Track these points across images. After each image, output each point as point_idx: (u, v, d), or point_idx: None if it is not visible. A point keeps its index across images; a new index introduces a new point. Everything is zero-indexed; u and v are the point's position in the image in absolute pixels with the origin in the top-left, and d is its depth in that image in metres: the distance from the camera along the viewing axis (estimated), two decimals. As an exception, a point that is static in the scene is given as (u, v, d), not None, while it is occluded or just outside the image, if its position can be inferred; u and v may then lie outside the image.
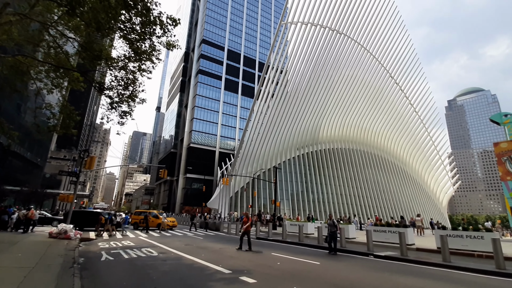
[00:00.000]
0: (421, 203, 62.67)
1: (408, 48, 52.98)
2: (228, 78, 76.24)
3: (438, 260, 10.51)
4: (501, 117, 26.25)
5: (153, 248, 12.29)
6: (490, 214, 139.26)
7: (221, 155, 69.54)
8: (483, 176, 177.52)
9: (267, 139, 46.13)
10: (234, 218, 35.76)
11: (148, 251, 11.65)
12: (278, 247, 14.87)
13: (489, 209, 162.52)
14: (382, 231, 17.77)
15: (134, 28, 11.03)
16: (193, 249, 12.55)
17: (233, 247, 13.79)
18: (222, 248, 13.39)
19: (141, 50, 11.81)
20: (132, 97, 13.43)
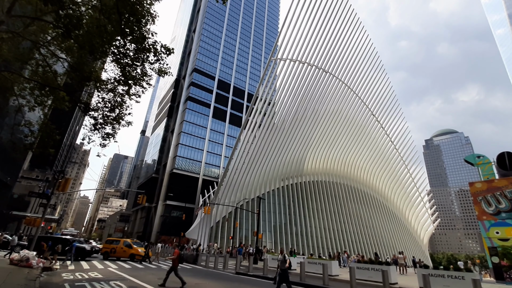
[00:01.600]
0: (403, 240, 62.74)
1: (387, 89, 56.79)
2: (217, 107, 77.52)
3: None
4: (475, 158, 27.87)
5: (123, 282, 11.34)
6: (469, 253, 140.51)
7: (205, 182, 68.10)
8: (461, 215, 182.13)
9: (252, 169, 45.98)
10: (214, 250, 34.10)
11: (117, 284, 10.75)
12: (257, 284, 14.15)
13: (468, 248, 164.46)
14: (365, 268, 17.42)
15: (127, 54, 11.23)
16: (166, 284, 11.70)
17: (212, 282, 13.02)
18: (199, 284, 12.59)
19: (132, 75, 11.92)
20: (118, 120, 13.23)
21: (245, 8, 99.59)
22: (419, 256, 61.79)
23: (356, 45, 50.32)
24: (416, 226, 68.74)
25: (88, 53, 9.85)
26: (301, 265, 15.73)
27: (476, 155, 28.19)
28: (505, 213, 23.82)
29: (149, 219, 68.38)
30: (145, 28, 10.63)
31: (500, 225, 23.59)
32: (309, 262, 20.19)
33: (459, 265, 25.28)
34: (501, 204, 24.18)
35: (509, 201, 23.87)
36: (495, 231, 23.70)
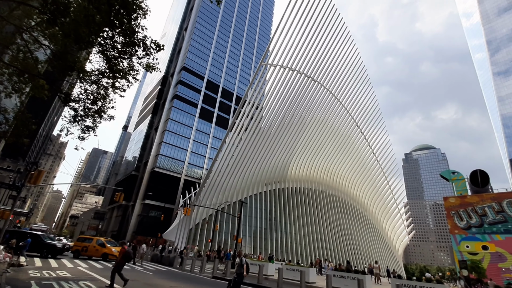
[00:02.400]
0: (379, 249, 64.31)
1: (372, 102, 58.63)
2: (204, 107, 76.79)
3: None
4: (450, 174, 29.28)
5: (93, 282, 10.84)
6: (441, 265, 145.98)
7: (187, 183, 66.93)
8: (435, 228, 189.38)
9: (236, 172, 45.73)
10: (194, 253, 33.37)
11: (87, 285, 10.27)
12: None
13: (440, 261, 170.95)
14: (341, 276, 17.69)
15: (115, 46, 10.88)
16: (138, 286, 11.30)
17: (187, 286, 12.70)
18: (174, 287, 12.24)
19: (118, 68, 11.55)
20: (100, 113, 12.75)
21: (239, 11, 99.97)
22: (394, 266, 63.54)
23: (345, 57, 51.69)
24: (392, 237, 70.76)
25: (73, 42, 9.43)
26: (279, 272, 15.72)
27: (451, 171, 29.65)
28: (475, 228, 25.05)
29: (126, 218, 66.18)
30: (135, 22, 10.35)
31: (471, 240, 24.75)
32: (287, 268, 20.22)
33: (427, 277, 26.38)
34: (472, 219, 25.41)
35: (480, 217, 25.12)
36: (465, 245, 24.83)
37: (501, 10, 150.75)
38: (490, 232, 24.02)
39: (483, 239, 23.91)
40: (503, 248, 22.76)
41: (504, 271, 22.07)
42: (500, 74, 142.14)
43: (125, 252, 10.94)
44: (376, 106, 59.53)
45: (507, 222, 23.69)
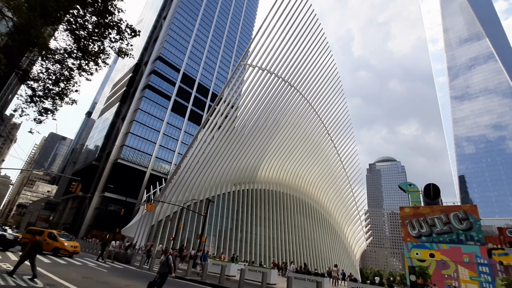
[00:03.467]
0: (338, 253, 67.16)
1: (344, 112, 61.11)
2: (178, 100, 74.46)
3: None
4: (407, 186, 31.53)
5: (39, 278, 9.90)
6: (393, 270, 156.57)
7: (152, 177, 64.29)
8: (390, 235, 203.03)
9: (205, 169, 44.91)
10: (159, 251, 32.00)
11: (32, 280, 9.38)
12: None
13: (392, 266, 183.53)
14: (302, 278, 18.13)
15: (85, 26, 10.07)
16: (91, 284, 10.55)
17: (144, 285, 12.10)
18: (130, 286, 11.60)
19: (87, 50, 10.71)
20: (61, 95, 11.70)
21: (222, 7, 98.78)
22: (351, 270, 66.77)
23: (322, 66, 53.34)
24: (351, 242, 74.36)
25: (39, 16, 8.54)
26: (241, 272, 15.69)
27: (408, 183, 31.96)
28: (425, 237, 27.17)
29: (81, 210, 61.76)
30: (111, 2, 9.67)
31: (420, 247, 26.78)
32: (250, 269, 20.28)
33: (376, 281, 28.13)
34: (423, 229, 27.54)
35: (430, 227, 27.31)
36: (415, 252, 26.81)
37: (462, 40, 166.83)
38: (437, 241, 26.20)
39: (431, 248, 26.00)
40: (447, 256, 24.94)
41: (447, 277, 24.19)
42: (457, 98, 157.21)
43: (34, 243, 10.19)
44: (347, 117, 62.21)
45: (452, 233, 26.02)
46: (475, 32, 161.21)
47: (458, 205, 27.72)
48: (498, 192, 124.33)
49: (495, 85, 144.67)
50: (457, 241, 25.43)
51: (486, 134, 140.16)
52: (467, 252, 24.30)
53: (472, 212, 26.03)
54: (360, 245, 75.21)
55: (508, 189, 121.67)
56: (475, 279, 23.18)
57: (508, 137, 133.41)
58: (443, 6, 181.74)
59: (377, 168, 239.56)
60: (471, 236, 25.17)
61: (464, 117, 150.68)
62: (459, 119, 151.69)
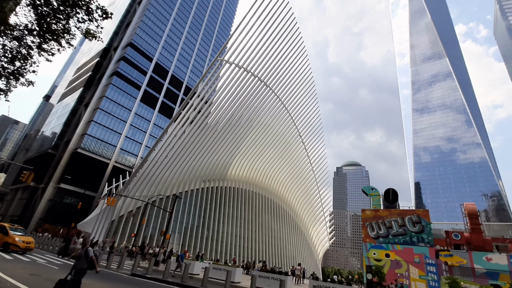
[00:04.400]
0: (303, 253, 68.99)
1: (316, 115, 62.74)
2: (148, 91, 71.18)
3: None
4: (369, 189, 33.32)
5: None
6: (352, 269, 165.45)
7: (116, 170, 60.80)
8: (351, 236, 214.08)
9: (174, 164, 43.45)
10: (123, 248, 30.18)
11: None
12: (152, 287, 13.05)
13: (352, 265, 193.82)
14: (266, 277, 18.22)
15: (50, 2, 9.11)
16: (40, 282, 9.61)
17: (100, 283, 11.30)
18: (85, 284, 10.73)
19: (51, 28, 9.70)
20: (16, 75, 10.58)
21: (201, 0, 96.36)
22: (313, 268, 68.99)
23: (298, 69, 54.26)
24: (315, 242, 76.84)
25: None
26: (205, 271, 15.40)
27: (371, 187, 33.76)
28: (382, 238, 28.88)
29: (33, 202, 56.53)
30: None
31: (377, 248, 28.40)
32: (214, 267, 19.98)
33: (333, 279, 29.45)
34: (381, 230, 29.26)
35: (387, 229, 29.08)
36: (373, 252, 28.38)
37: (425, 58, 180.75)
38: (393, 242, 27.97)
39: (387, 248, 27.68)
40: (401, 256, 26.73)
41: (399, 276, 25.91)
42: (418, 110, 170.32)
43: None
44: (319, 120, 64.03)
45: (406, 234, 27.94)
46: (437, 51, 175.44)
47: (413, 209, 29.82)
48: (447, 199, 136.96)
49: (451, 101, 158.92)
50: (410, 243, 27.37)
51: (441, 146, 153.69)
52: (418, 252, 26.25)
53: (424, 216, 28.17)
54: (323, 245, 78.02)
55: (456, 196, 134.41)
56: (424, 278, 25.11)
57: (458, 149, 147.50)
58: (411, 23, 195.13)
59: (344, 172, 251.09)
60: (422, 238, 27.23)
61: (423, 128, 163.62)
62: (419, 130, 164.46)
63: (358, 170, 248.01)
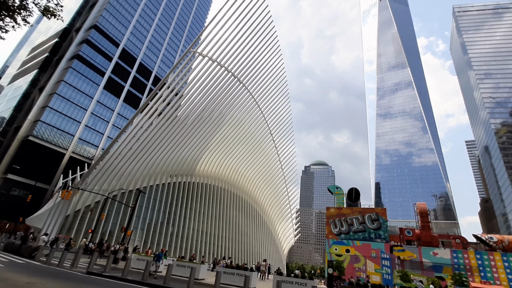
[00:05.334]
0: (269, 249, 70.09)
1: (288, 114, 63.72)
2: (113, 78, 66.78)
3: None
4: (334, 188, 34.82)
5: None
6: (315, 264, 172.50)
7: (73, 161, 56.37)
8: (315, 232, 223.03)
9: (139, 158, 41.36)
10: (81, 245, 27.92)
11: None
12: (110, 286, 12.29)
13: (315, 261, 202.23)
14: (231, 273, 18.15)
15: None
16: None
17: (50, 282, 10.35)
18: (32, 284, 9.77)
19: (5, 2, 8.63)
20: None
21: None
22: (279, 264, 70.49)
23: (272, 67, 54.50)
24: (281, 238, 78.53)
25: None
26: (168, 268, 14.89)
27: (336, 186, 35.31)
28: (344, 235, 30.34)
29: (-28, 194, 50.34)
30: None
31: (339, 244, 29.74)
32: (178, 264, 19.45)
33: (295, 273, 30.40)
34: (343, 227, 30.71)
35: (349, 226, 30.59)
36: (335, 247, 29.68)
37: (390, 66, 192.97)
38: (353, 238, 29.50)
39: (347, 244, 29.13)
40: (360, 251, 28.29)
41: (357, 270, 27.43)
42: (381, 115, 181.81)
43: None
44: (290, 119, 65.15)
45: (365, 231, 29.63)
46: (401, 61, 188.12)
47: (372, 208, 31.73)
48: (403, 198, 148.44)
49: (410, 109, 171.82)
50: (368, 239, 29.08)
51: (399, 149, 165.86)
52: (375, 248, 28.01)
53: (382, 214, 30.11)
54: (289, 241, 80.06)
55: (410, 196, 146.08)
56: (379, 271, 26.86)
57: (414, 153, 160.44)
58: (379, 33, 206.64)
59: (312, 171, 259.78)
60: (379, 235, 29.09)
61: (385, 132, 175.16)
62: (381, 134, 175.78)
63: (325, 169, 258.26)
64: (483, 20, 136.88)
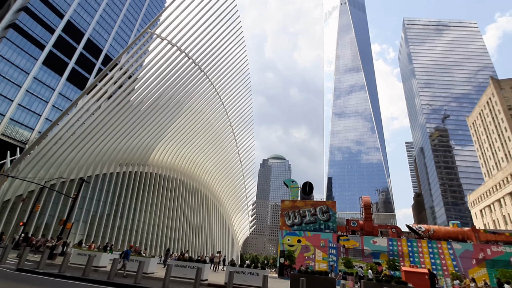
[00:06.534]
0: (223, 241, 70.13)
1: (249, 106, 63.53)
2: (55, 53, 58.98)
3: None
4: (290, 182, 36.05)
5: None
6: (268, 255, 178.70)
7: (2, 144, 48.90)
8: (270, 224, 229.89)
9: (84, 143, 37.55)
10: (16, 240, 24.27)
11: None
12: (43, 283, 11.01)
13: (269, 251, 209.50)
14: (183, 266, 17.65)
15: None
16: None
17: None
18: None
19: None
20: None
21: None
22: (233, 255, 71.06)
23: (235, 58, 53.57)
24: (237, 230, 79.17)
25: None
26: (113, 262, 13.86)
27: (291, 180, 36.57)
28: (296, 226, 31.66)
29: None
30: None
31: (291, 235, 30.96)
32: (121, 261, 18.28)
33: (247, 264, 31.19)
34: (296, 219, 32.01)
35: (301, 218, 31.97)
36: (287, 238, 30.83)
37: (347, 69, 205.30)
38: (305, 229, 30.97)
39: (299, 234, 30.47)
40: (310, 242, 29.83)
41: (307, 258, 28.92)
42: (337, 114, 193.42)
43: None
44: (251, 112, 65.16)
45: (316, 223, 31.31)
46: (356, 65, 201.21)
47: (324, 201, 33.60)
48: (351, 192, 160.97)
49: (362, 110, 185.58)
50: (318, 230, 30.81)
51: (350, 147, 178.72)
52: (324, 238, 29.80)
53: (332, 207, 32.10)
54: (244, 232, 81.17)
55: (357, 190, 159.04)
56: (326, 259, 28.69)
57: (363, 151, 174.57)
58: (339, 36, 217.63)
59: (269, 164, 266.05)
60: (329, 226, 31.01)
61: (339, 130, 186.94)
62: (335, 132, 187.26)
63: (282, 163, 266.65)
64: (427, 34, 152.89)
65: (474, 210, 71.35)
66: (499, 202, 59.05)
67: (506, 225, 55.96)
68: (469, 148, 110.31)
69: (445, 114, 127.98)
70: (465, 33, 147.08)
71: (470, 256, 25.98)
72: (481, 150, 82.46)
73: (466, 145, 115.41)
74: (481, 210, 67.03)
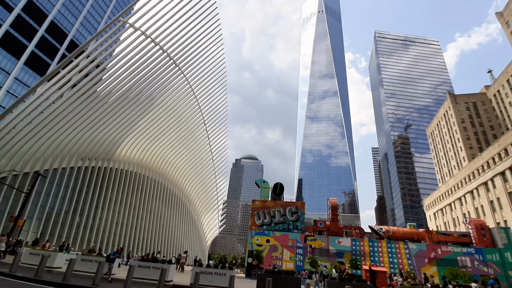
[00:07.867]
0: (191, 240, 68.60)
1: (223, 105, 62.83)
2: (12, 34, 53.63)
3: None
4: (262, 182, 36.28)
5: None
6: (237, 254, 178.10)
7: None
8: (240, 224, 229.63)
9: (41, 134, 34.58)
10: None
11: None
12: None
13: (237, 251, 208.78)
14: (146, 266, 17.00)
15: None
16: None
17: None
18: None
19: None
20: None
21: None
22: (201, 255, 69.82)
23: (212, 54, 52.66)
24: (206, 229, 77.94)
25: None
26: (70, 263, 12.91)
27: (263, 180, 36.84)
28: (266, 226, 31.93)
29: None
30: None
31: (261, 234, 31.16)
32: (83, 259, 17.18)
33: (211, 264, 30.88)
34: (266, 219, 32.29)
35: (271, 218, 32.31)
36: (256, 238, 30.98)
37: (321, 75, 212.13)
38: (274, 229, 31.35)
39: (268, 234, 30.78)
40: (278, 241, 30.24)
41: (275, 258, 29.28)
42: (310, 118, 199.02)
43: None
44: (226, 111, 64.53)
45: (285, 223, 31.84)
46: (330, 72, 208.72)
47: (293, 201, 34.29)
48: (320, 194, 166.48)
49: (334, 115, 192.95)
50: (287, 230, 31.36)
51: (321, 150, 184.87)
52: (292, 238, 30.39)
53: (301, 208, 32.87)
54: (213, 232, 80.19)
55: (325, 192, 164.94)
56: (293, 259, 29.28)
57: (333, 155, 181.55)
58: (316, 42, 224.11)
59: (242, 164, 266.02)
60: (297, 226, 31.69)
61: (311, 134, 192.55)
62: (308, 135, 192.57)
63: (254, 163, 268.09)
64: (395, 47, 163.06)
65: (429, 213, 77.30)
66: (450, 206, 64.61)
67: (455, 227, 61.36)
68: (427, 156, 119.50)
69: (408, 124, 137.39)
70: (428, 50, 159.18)
71: (423, 256, 28.10)
72: (437, 158, 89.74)
73: (424, 153, 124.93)
74: (435, 213, 72.82)
